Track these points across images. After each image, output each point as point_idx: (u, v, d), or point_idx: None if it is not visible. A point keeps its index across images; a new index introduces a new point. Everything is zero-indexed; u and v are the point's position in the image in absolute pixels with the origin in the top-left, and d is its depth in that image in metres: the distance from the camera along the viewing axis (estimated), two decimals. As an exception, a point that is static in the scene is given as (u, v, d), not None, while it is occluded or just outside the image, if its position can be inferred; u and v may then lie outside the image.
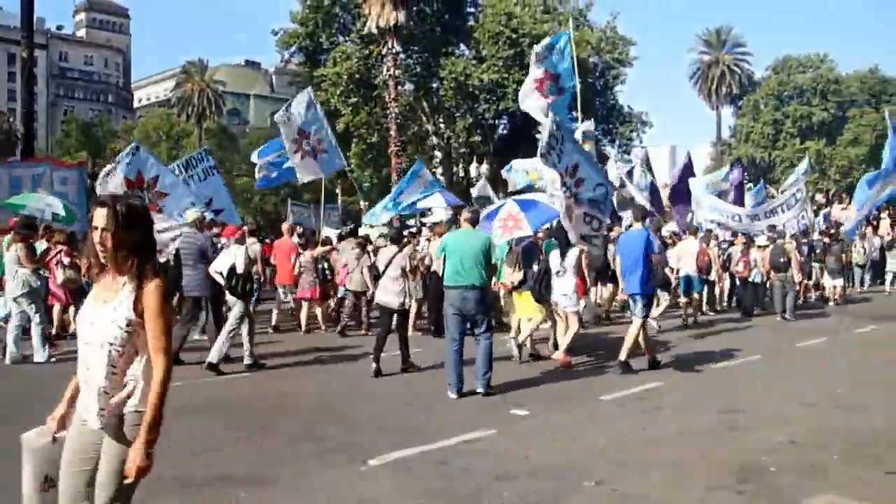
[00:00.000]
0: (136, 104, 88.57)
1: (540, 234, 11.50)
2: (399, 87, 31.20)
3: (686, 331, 13.42)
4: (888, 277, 22.23)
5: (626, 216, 16.72)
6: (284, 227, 14.58)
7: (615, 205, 15.84)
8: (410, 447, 5.94)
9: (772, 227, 17.28)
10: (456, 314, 8.05)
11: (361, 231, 17.34)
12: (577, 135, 16.16)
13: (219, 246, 10.81)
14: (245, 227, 11.39)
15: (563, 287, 9.73)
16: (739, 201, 21.90)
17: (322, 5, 32.67)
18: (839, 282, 18.80)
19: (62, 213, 15.95)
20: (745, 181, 26.00)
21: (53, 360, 10.02)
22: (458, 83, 30.61)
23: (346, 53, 32.23)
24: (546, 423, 6.83)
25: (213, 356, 9.15)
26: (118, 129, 61.91)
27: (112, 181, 11.81)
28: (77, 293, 12.14)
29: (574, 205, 9.79)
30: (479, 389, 7.93)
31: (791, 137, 53.84)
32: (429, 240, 13.80)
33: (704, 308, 15.81)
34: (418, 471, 5.46)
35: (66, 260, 11.98)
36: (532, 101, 14.22)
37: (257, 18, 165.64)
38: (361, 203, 38.38)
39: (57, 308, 12.51)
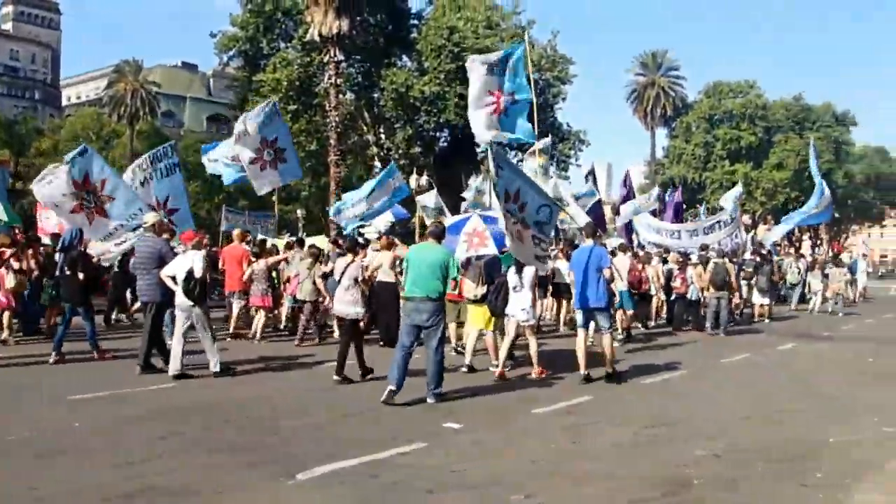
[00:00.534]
0: (64, 102, 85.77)
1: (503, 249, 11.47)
2: (340, 96, 31.02)
3: (618, 345, 13.68)
4: (813, 297, 23.32)
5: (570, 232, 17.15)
6: (235, 233, 14.41)
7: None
8: (342, 460, 5.90)
9: (704, 247, 17.88)
10: (411, 324, 8.26)
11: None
12: (536, 147, 16.51)
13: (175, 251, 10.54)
14: (204, 233, 11.30)
15: (521, 302, 9.98)
16: (677, 220, 22.66)
17: (264, 10, 32.28)
18: (766, 300, 19.67)
19: (5, 217, 15.62)
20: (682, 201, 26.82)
21: None
22: (400, 94, 30.65)
23: (287, 60, 31.91)
24: (478, 436, 6.87)
25: (175, 366, 9.27)
26: (44, 127, 59.79)
27: (55, 182, 11.38)
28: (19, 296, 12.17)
29: (522, 228, 9.94)
30: (430, 400, 8.17)
31: (721, 160, 55.63)
32: (377, 250, 13.76)
33: (635, 322, 16.19)
34: (348, 484, 5.41)
35: (15, 265, 11.86)
36: (480, 114, 14.18)
37: (196, 20, 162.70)
38: (299, 212, 38.05)
39: (7, 315, 12.30)
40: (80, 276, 10.75)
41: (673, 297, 17.20)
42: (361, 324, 9.81)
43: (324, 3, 29.08)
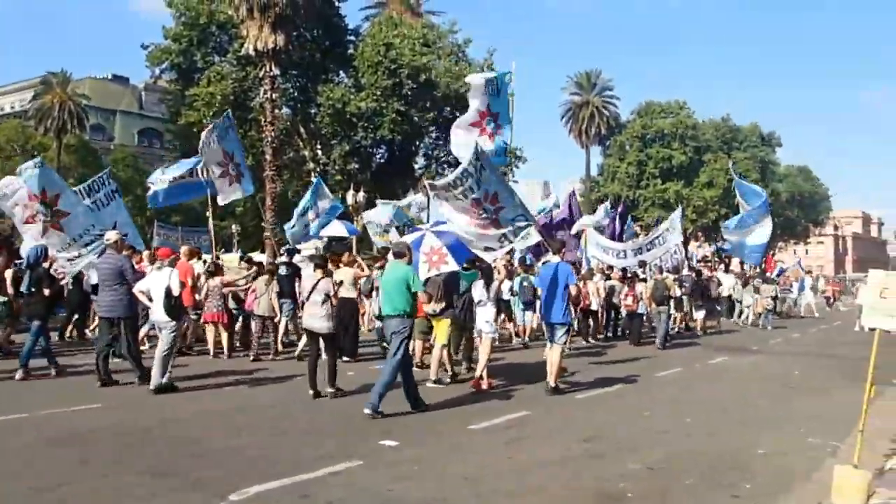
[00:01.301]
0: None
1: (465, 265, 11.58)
2: (276, 111, 30.71)
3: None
4: (745, 311, 24.22)
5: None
6: (184, 249, 14.07)
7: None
8: (274, 480, 5.74)
9: (642, 263, 18.42)
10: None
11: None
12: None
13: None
14: (176, 252, 11.41)
15: (486, 315, 10.55)
16: (618, 236, 23.16)
17: (198, 23, 31.79)
18: (702, 314, 20.57)
19: None
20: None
21: None
22: (336, 110, 30.52)
23: (222, 74, 31.46)
24: (413, 453, 6.78)
25: (156, 380, 9.45)
26: (-34, 139, 57.48)
27: (18, 194, 11.76)
28: None
29: (491, 223, 10.53)
30: (366, 411, 8.17)
31: (653, 178, 56.99)
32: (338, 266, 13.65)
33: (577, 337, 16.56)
34: (280, 505, 5.27)
35: None
36: (462, 136, 14.03)
37: (128, 32, 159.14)
38: (234, 227, 37.38)
39: None
40: (46, 292, 10.97)
41: (624, 312, 17.81)
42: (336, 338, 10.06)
43: (259, 17, 28.81)
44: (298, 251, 20.25)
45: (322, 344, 9.69)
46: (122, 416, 8.23)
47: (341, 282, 11.69)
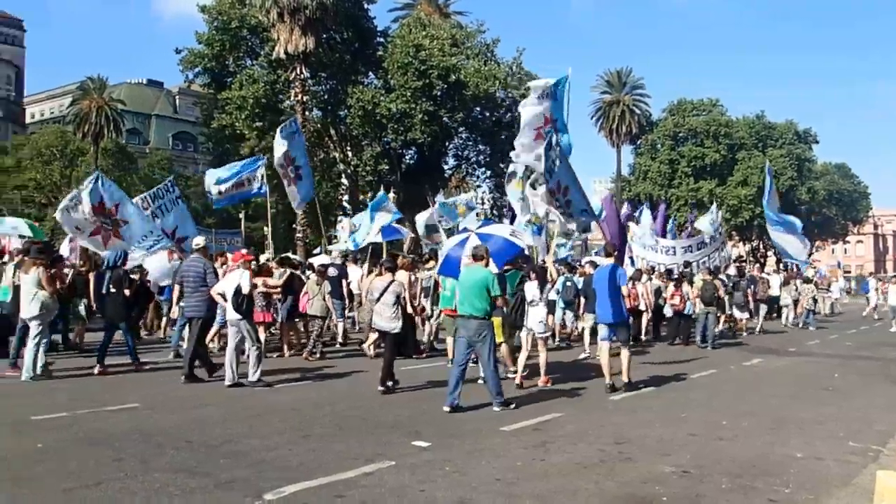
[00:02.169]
0: (28, 120, 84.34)
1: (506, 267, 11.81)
2: (307, 114, 30.92)
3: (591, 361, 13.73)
4: (784, 312, 23.92)
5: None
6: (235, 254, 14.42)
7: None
8: (309, 480, 5.77)
9: (687, 263, 18.51)
10: (462, 339, 8.95)
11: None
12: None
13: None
14: (250, 255, 11.91)
15: (538, 315, 10.80)
16: (662, 235, 23.17)
17: (230, 27, 32.11)
18: (745, 314, 20.43)
19: (28, 232, 17.02)
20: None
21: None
22: (366, 112, 30.62)
23: (253, 77, 31.75)
24: (445, 455, 6.76)
25: (229, 376, 10.16)
26: (8, 144, 58.77)
27: (79, 208, 12.60)
28: None
29: (566, 216, 11.58)
30: (496, 408, 8.80)
31: (686, 177, 56.27)
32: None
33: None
34: (312, 506, 5.29)
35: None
36: (528, 144, 14.06)
37: (162, 37, 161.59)
38: (265, 229, 37.71)
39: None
40: (126, 293, 11.68)
41: (670, 313, 17.85)
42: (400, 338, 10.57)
43: (290, 21, 29.07)
44: (329, 253, 20.58)
45: (392, 343, 10.19)
46: (158, 416, 8.34)
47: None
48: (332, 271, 14.81)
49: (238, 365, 10.36)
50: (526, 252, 11.26)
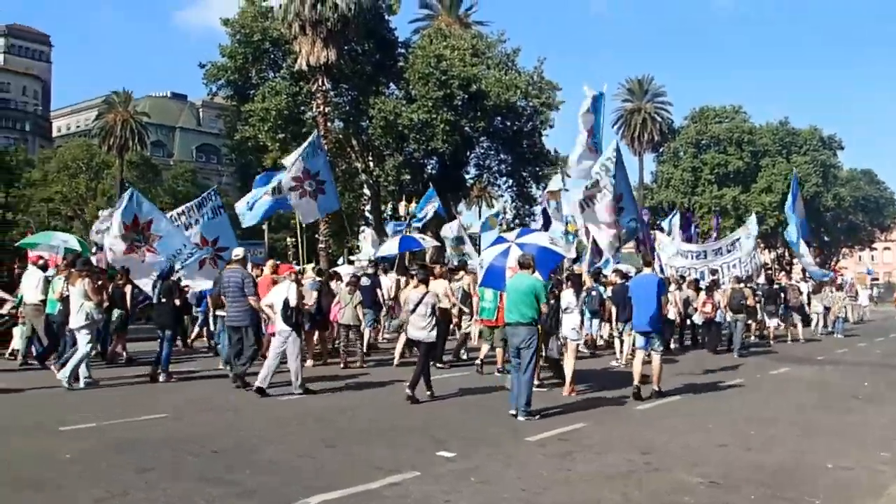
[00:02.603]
0: (55, 133, 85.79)
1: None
2: (328, 125, 31.09)
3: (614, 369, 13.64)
4: (814, 318, 23.65)
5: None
6: (269, 263, 14.60)
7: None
8: (334, 490, 5.77)
9: (714, 272, 18.54)
10: (512, 346, 9.17)
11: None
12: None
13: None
14: (296, 267, 12.58)
15: (571, 322, 10.98)
16: (690, 241, 23.16)
17: (252, 40, 32.39)
18: (774, 322, 20.45)
19: (77, 246, 17.35)
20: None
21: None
22: (388, 122, 30.71)
23: (276, 89, 31.99)
24: (470, 465, 6.74)
25: (295, 384, 10.46)
26: (35, 158, 59.73)
27: (114, 227, 12.85)
28: None
29: (615, 225, 11.88)
30: (520, 418, 8.76)
31: (709, 184, 55.86)
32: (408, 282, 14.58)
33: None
34: (338, 516, 5.30)
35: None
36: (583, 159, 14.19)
37: (186, 51, 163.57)
38: (289, 240, 37.92)
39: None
40: (176, 302, 12.18)
41: (701, 320, 17.98)
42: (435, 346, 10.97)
43: (311, 33, 29.27)
44: (352, 262, 20.74)
45: (426, 353, 10.32)
46: (184, 426, 8.40)
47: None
48: (364, 281, 15.12)
49: (272, 373, 10.47)
50: (565, 261, 11.35)
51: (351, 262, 23.71)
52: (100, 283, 11.47)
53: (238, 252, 11.81)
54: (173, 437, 7.79)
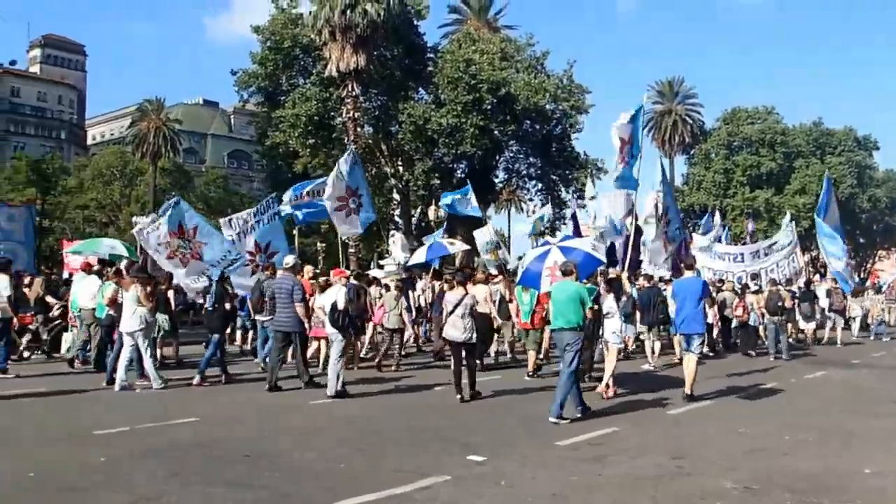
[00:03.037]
0: (89, 141, 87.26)
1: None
2: (358, 130, 31.26)
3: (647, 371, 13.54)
4: (852, 322, 23.29)
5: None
6: (307, 269, 15.06)
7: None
8: (363, 494, 5.80)
9: (755, 276, 18.38)
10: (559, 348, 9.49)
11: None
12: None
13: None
14: (346, 271, 12.98)
15: (613, 326, 11.26)
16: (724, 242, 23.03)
17: (282, 47, 32.69)
18: (811, 325, 20.22)
19: (125, 252, 18.25)
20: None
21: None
22: (417, 127, 30.80)
23: (306, 95, 32.24)
24: (500, 469, 6.74)
25: (330, 389, 10.61)
26: (70, 166, 60.83)
27: (156, 233, 13.38)
28: None
29: (666, 241, 13.11)
30: (552, 419, 8.86)
31: (741, 186, 55.13)
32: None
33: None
34: (369, 520, 5.33)
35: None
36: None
37: (217, 59, 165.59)
38: (318, 244, 38.19)
39: None
40: (227, 308, 12.72)
41: (735, 323, 17.97)
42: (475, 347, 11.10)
43: (341, 39, 29.46)
44: (381, 266, 20.94)
45: (464, 353, 10.65)
46: (215, 430, 8.50)
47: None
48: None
49: (276, 372, 11.14)
50: (605, 266, 11.85)
51: (381, 267, 23.81)
52: (148, 289, 11.79)
53: (289, 260, 12.25)
54: (203, 441, 7.89)
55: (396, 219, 36.53)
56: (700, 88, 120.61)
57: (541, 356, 13.71)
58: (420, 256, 20.06)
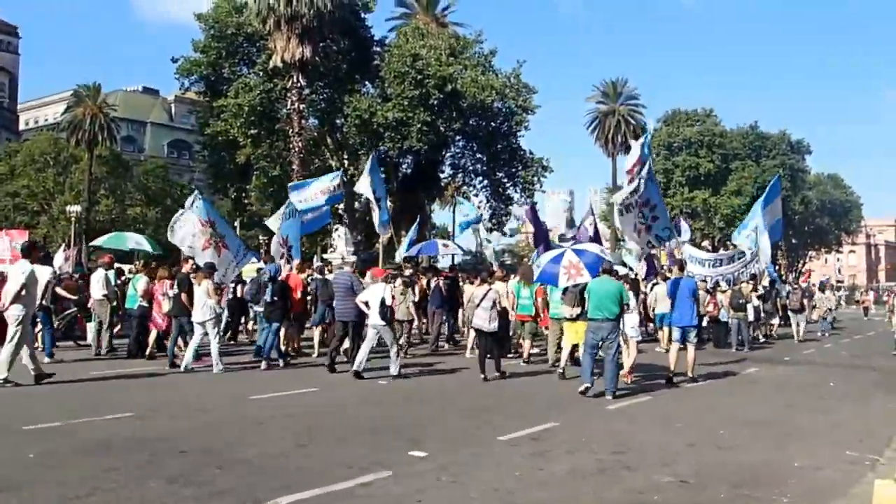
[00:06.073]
0: (22, 126, 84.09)
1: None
2: (303, 122, 30.88)
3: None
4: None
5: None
6: (295, 263, 16.07)
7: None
8: (304, 490, 5.72)
9: (729, 281, 19.84)
10: (595, 339, 10.78)
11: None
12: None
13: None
14: (389, 269, 14.47)
15: (631, 321, 12.30)
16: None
17: (226, 35, 32.07)
18: (774, 321, 22.41)
19: (149, 247, 19.63)
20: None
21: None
22: (363, 120, 30.58)
23: (249, 85, 31.71)
24: (442, 465, 6.73)
25: (394, 370, 11.93)
26: (1, 151, 58.58)
27: (185, 226, 13.83)
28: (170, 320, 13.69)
29: (644, 230, 13.61)
30: (609, 396, 10.39)
31: (680, 186, 56.47)
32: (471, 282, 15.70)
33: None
34: (309, 516, 5.25)
35: (170, 292, 13.52)
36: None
37: (158, 45, 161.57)
38: (261, 238, 37.62)
39: (154, 334, 14.16)
40: (286, 301, 14.02)
41: (706, 320, 18.66)
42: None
43: (286, 29, 29.03)
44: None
45: (489, 340, 12.22)
46: (158, 423, 8.28)
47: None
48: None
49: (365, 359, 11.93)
50: (612, 266, 12.47)
51: (324, 261, 23.65)
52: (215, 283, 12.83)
53: (350, 258, 13.70)
54: (142, 436, 7.67)
55: (341, 212, 36.23)
56: (642, 90, 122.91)
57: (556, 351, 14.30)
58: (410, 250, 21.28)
